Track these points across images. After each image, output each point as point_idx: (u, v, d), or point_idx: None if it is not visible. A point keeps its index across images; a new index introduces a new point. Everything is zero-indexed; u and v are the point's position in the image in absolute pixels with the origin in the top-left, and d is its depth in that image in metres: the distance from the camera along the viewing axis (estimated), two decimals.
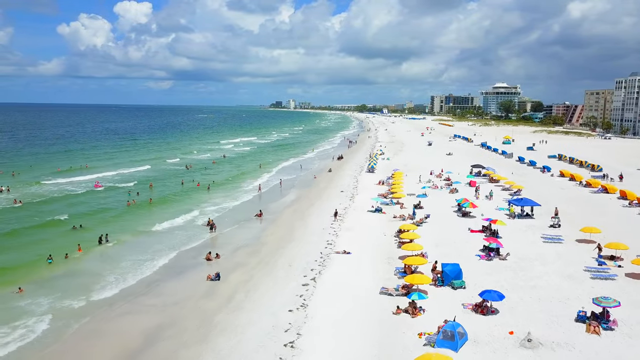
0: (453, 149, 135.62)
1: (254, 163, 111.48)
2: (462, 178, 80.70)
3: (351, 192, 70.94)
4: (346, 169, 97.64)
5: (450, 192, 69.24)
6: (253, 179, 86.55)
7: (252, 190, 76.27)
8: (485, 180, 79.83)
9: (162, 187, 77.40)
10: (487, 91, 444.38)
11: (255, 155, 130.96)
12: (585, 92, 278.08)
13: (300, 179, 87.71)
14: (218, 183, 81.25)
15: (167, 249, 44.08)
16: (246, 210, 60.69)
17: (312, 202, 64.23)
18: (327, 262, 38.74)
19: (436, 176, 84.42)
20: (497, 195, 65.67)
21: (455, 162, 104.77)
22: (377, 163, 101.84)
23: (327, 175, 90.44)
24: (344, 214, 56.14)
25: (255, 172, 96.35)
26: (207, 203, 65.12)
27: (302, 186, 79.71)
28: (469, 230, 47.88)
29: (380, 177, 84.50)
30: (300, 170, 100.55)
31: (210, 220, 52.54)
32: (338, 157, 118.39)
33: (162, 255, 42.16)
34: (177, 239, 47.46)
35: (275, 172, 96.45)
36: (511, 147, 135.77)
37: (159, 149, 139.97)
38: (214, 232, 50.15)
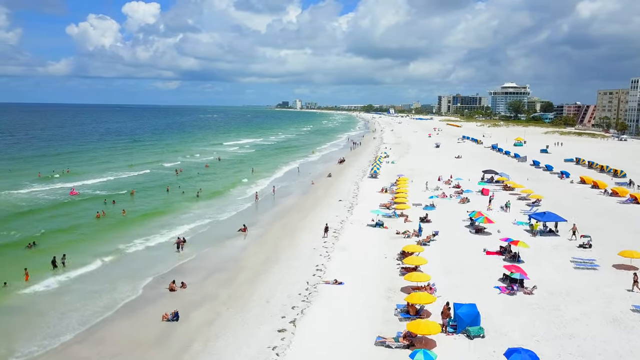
0: (462, 151, 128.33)
1: (251, 167, 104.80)
2: (473, 185, 73.59)
3: (350, 201, 64.03)
4: (347, 174, 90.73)
5: (460, 201, 62.14)
6: (246, 186, 79.74)
7: (243, 199, 69.19)
8: (499, 188, 72.63)
9: (145, 195, 70.70)
10: (496, 91, 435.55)
11: (254, 158, 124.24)
12: (598, 91, 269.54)
13: (297, 185, 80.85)
14: (207, 190, 74.34)
15: (126, 276, 37.18)
16: (233, 223, 53.76)
17: (306, 213, 57.33)
18: (314, 296, 31.87)
19: (444, 182, 77.35)
20: (513, 206, 58.49)
21: (465, 166, 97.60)
22: (381, 167, 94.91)
23: (326, 181, 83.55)
24: (340, 228, 49.23)
25: (249, 177, 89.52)
26: (189, 215, 58.16)
27: (297, 194, 72.84)
28: (484, 252, 40.82)
29: (384, 183, 77.57)
30: (298, 174, 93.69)
31: (179, 238, 45.51)
32: (340, 160, 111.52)
33: (118, 285, 35.30)
34: (142, 262, 40.55)
35: (273, 177, 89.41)
36: (523, 150, 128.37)
37: (156, 151, 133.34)
38: (181, 251, 43.30)
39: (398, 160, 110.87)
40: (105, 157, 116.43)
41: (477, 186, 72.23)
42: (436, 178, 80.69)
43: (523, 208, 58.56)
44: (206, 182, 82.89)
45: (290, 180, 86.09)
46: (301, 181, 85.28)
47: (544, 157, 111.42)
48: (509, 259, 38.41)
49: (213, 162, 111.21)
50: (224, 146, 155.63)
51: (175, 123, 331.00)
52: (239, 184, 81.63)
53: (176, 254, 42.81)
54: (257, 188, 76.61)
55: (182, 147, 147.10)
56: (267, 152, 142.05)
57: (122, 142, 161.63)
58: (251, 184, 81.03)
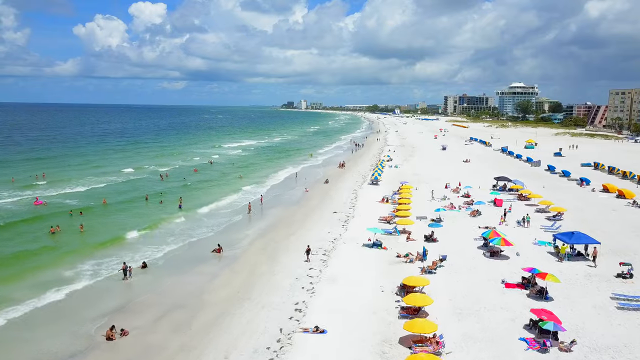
0: (470, 154, 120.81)
1: (244, 171, 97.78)
2: (484, 194, 66.25)
3: (346, 213, 56.83)
4: (346, 180, 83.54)
5: (471, 214, 54.78)
6: (235, 194, 72.34)
7: (231, 211, 61.30)
8: (513, 198, 65.20)
9: (120, 205, 63.60)
10: (503, 91, 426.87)
11: (250, 161, 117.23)
12: (610, 91, 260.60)
13: (289, 193, 73.58)
14: (190, 200, 67.19)
15: (58, 319, 29.96)
16: (211, 242, 46.54)
17: (294, 229, 50.12)
18: (286, 351, 24.75)
19: (452, 191, 70.04)
20: (532, 220, 51.07)
21: (474, 172, 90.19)
22: (383, 172, 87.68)
23: (322, 188, 76.36)
24: (331, 250, 42.05)
25: (240, 184, 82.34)
26: (162, 231, 50.67)
27: (288, 203, 65.60)
28: (502, 284, 33.54)
29: (385, 191, 70.39)
30: (294, 180, 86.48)
31: (125, 264, 37.54)
32: (339, 164, 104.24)
33: (43, 334, 28.02)
34: (85, 298, 33.05)
35: (268, 184, 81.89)
36: (535, 153, 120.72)
37: (150, 154, 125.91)
38: (129, 279, 36.24)
39: (402, 164, 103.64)
40: (95, 161, 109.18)
41: (488, 195, 64.89)
42: (443, 185, 73.51)
43: (543, 223, 51.17)
44: (192, 190, 75.64)
45: (283, 188, 78.89)
46: (295, 187, 78.08)
47: (558, 161, 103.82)
48: (535, 295, 31.15)
49: (204, 165, 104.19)
50: (222, 148, 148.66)
51: (177, 123, 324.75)
52: (228, 192, 74.21)
53: (130, 287, 35.50)
54: (249, 197, 69.31)
55: (178, 149, 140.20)
56: (266, 154, 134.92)
57: (118, 144, 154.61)
58: (242, 192, 73.74)
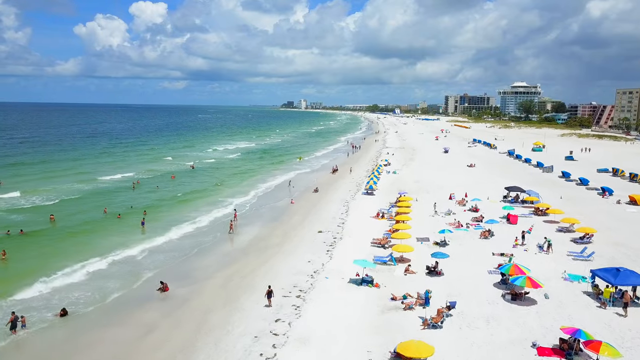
0: (474, 157, 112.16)
1: (230, 177, 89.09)
2: (494, 208, 57.56)
3: (334, 233, 48.07)
4: (338, 188, 74.80)
5: (481, 235, 46.03)
6: (210, 205, 63.57)
7: (203, 230, 52.30)
8: (529, 212, 56.45)
9: (71, 219, 54.52)
10: (505, 91, 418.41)
11: (237, 165, 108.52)
12: (617, 90, 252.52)
13: (272, 205, 64.69)
14: (157, 214, 58.45)
15: None
16: (164, 274, 37.82)
17: (267, 256, 41.23)
18: None
19: (458, 203, 61.29)
20: (555, 243, 42.30)
21: (480, 179, 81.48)
22: (379, 180, 79.04)
23: (310, 198, 67.66)
24: (308, 289, 33.24)
25: (218, 193, 73.63)
26: (109, 259, 41.16)
27: (267, 219, 56.60)
28: (533, 348, 24.76)
29: (381, 202, 61.74)
30: (279, 189, 77.72)
31: (14, 314, 27.91)
32: (332, 169, 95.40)
33: None
34: None
35: (249, 193, 72.95)
36: (544, 156, 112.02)
37: (132, 157, 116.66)
38: (18, 333, 27.39)
39: (401, 169, 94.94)
40: (73, 166, 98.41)
41: (500, 209, 56.17)
42: (447, 195, 64.80)
43: (569, 247, 42.40)
44: (162, 201, 66.69)
45: (268, 198, 70.05)
46: (279, 198, 69.14)
47: (570, 166, 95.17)
48: None
49: (185, 171, 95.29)
50: (211, 151, 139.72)
51: (171, 123, 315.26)
52: (203, 204, 65.15)
53: (19, 346, 26.49)
54: (226, 210, 60.24)
55: (164, 151, 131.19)
56: (255, 157, 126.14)
57: (102, 146, 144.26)
58: (219, 205, 64.74)
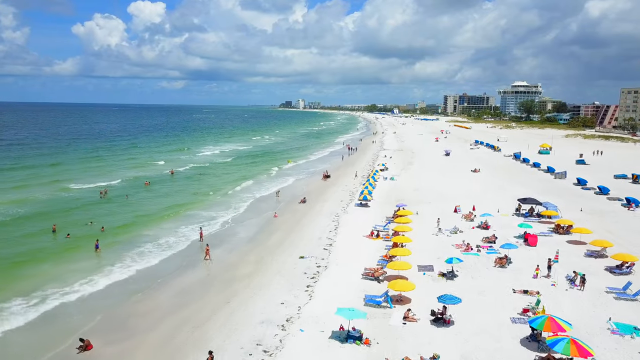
0: (477, 161, 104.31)
1: (210, 184, 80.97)
2: (507, 224, 49.61)
3: (318, 259, 39.94)
4: (328, 198, 66.77)
5: (497, 263, 38.01)
6: (181, 222, 55.06)
7: (172, 251, 44.06)
8: (548, 229, 48.45)
9: (13, 241, 46.47)
10: (506, 90, 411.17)
11: (223, 170, 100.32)
12: (621, 90, 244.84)
13: (250, 220, 56.12)
14: (118, 229, 50.38)
15: None
16: (96, 324, 29.74)
17: (230, 295, 32.75)
18: None
19: (464, 217, 53.32)
20: (588, 275, 34.28)
21: (487, 186, 73.55)
22: (376, 187, 71.16)
23: (296, 211, 59.61)
24: (277, 349, 25.02)
25: (195, 204, 65.48)
26: (25, 302, 32.54)
27: (243, 239, 48.04)
28: None
29: (376, 216, 53.81)
30: (264, 199, 69.49)
31: None
32: (323, 175, 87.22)
33: None
34: None
35: (231, 206, 63.93)
36: (552, 160, 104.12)
37: (112, 161, 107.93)
38: None
39: (399, 175, 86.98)
40: (44, 172, 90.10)
41: (514, 226, 48.20)
42: (451, 207, 56.91)
43: (606, 280, 34.38)
44: (128, 214, 58.19)
45: (250, 211, 61.82)
46: (261, 210, 60.80)
47: (583, 171, 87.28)
48: None
49: (163, 177, 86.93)
50: (199, 153, 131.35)
51: (165, 124, 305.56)
52: (175, 219, 56.31)
53: None
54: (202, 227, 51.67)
55: (148, 154, 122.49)
56: (244, 161, 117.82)
57: (86, 148, 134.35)
58: (195, 219, 56.26)
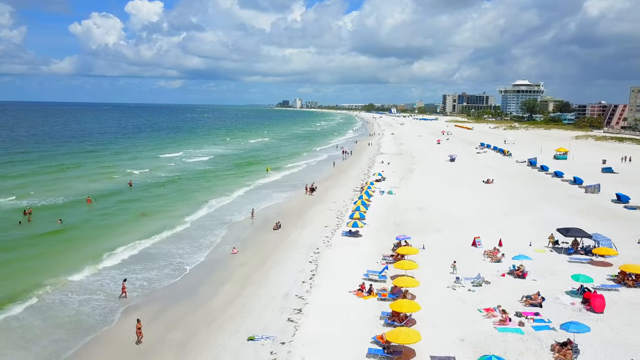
0: (489, 169, 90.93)
1: (170, 199, 67.27)
2: (547, 266, 36.02)
3: (277, 343, 26.24)
4: (310, 222, 53.03)
5: (554, 350, 24.36)
6: (109, 257, 41.65)
7: (70, 307, 31.44)
8: (606, 278, 34.80)
9: None
10: (507, 89, 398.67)
11: (193, 178, 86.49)
12: (632, 89, 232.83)
13: (199, 259, 42.35)
14: (26, 268, 36.95)
15: None
16: None
17: None
18: None
19: (488, 255, 39.67)
20: None
21: (506, 203, 59.76)
22: (370, 206, 57.67)
23: (265, 242, 45.84)
24: None
25: (137, 229, 51.57)
26: None
27: (176, 295, 33.96)
28: None
29: (370, 254, 40.19)
30: (230, 224, 55.61)
31: None
32: (309, 187, 73.07)
33: None
34: None
35: (182, 235, 50.41)
36: (572, 166, 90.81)
37: (75, 169, 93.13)
38: None
39: (398, 187, 73.50)
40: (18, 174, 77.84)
41: (560, 273, 34.61)
42: (466, 237, 43.33)
43: None
44: (45, 246, 44.68)
45: (201, 243, 48.14)
46: (219, 244, 47.17)
47: (615, 183, 74.01)
48: None
49: (118, 189, 73.06)
50: (175, 157, 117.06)
51: (153, 124, 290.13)
52: (103, 249, 43.22)
53: None
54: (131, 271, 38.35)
55: (117, 160, 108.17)
56: (223, 168, 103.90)
57: (50, 152, 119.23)
58: (127, 253, 43.00)
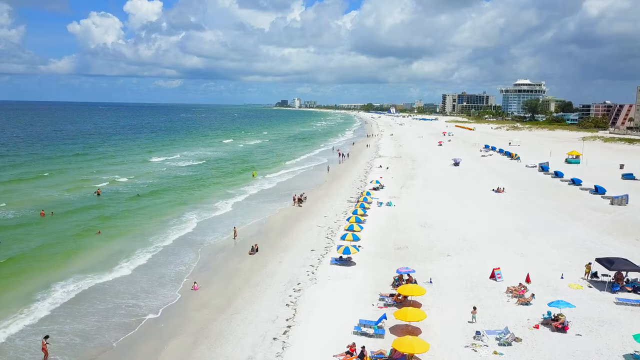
0: (496, 174, 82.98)
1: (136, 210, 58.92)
2: (592, 313, 27.68)
3: None
4: (293, 244, 44.63)
5: None
6: (42, 290, 33.61)
7: None
8: None
9: None
10: (508, 89, 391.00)
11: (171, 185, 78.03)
12: (638, 88, 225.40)
13: (149, 294, 33.84)
14: None
15: None
16: None
17: None
18: None
19: (512, 294, 31.36)
20: None
21: (523, 217, 51.18)
22: (366, 222, 49.44)
23: (236, 271, 37.39)
24: None
25: (94, 249, 43.41)
26: None
27: (115, 356, 25.92)
28: None
29: (363, 296, 31.89)
30: (191, 244, 47.15)
31: None
32: (297, 198, 64.67)
33: None
34: None
35: (135, 256, 41.79)
36: (587, 171, 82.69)
37: (51, 174, 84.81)
38: None
39: (399, 197, 65.28)
40: None
41: (611, 324, 26.36)
42: (483, 267, 35.05)
43: None
44: None
45: (159, 270, 39.81)
46: (183, 269, 39.01)
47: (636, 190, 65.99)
48: None
49: (84, 198, 64.67)
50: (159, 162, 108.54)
51: (145, 124, 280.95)
52: (44, 280, 35.07)
53: None
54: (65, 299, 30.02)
55: (96, 165, 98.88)
56: (208, 173, 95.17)
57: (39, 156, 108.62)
58: (69, 285, 34.80)
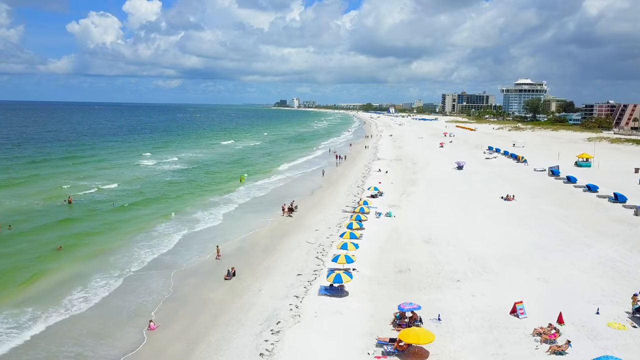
0: (503, 179, 77.21)
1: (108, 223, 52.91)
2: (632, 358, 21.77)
3: None
4: (276, 266, 38.63)
5: None
6: None
7: None
8: None
9: None
10: (509, 88, 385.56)
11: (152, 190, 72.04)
12: None
13: (103, 353, 28.22)
14: None
15: None
16: None
17: None
18: None
19: (541, 338, 25.22)
20: None
21: (538, 231, 45.10)
22: (362, 238, 43.49)
23: (206, 302, 31.27)
24: None
25: (52, 269, 37.51)
26: None
27: None
28: None
29: (359, 335, 25.76)
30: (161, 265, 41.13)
31: None
32: (288, 207, 58.39)
33: None
34: None
35: (92, 282, 36.62)
36: (599, 175, 76.83)
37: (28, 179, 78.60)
38: None
39: (399, 206, 59.34)
40: None
41: None
42: (498, 296, 29.07)
43: None
44: None
45: (117, 303, 33.85)
46: (148, 299, 33.08)
47: None
48: None
49: (53, 208, 58.57)
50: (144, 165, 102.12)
51: (140, 124, 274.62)
52: None
53: None
54: None
55: (97, 168, 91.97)
56: (195, 177, 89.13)
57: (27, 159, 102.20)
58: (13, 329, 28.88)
